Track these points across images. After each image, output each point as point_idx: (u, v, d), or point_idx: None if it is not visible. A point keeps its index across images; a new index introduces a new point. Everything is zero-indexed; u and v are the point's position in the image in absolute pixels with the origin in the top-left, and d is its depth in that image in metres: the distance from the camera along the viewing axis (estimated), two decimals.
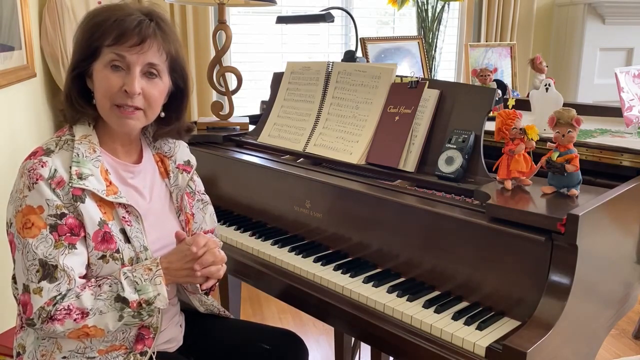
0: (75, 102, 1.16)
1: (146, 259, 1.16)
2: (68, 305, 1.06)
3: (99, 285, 1.10)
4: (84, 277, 1.12)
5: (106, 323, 1.09)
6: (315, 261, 1.43)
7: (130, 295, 1.09)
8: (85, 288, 1.09)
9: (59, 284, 1.07)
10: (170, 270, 1.15)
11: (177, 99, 1.26)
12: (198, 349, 1.37)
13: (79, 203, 1.10)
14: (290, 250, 1.49)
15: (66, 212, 1.09)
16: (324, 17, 2.13)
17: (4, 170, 1.84)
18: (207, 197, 1.41)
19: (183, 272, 1.16)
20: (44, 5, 2.49)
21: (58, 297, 1.07)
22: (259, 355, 1.36)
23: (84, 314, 1.07)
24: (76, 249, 1.10)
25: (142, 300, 1.10)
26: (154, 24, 1.15)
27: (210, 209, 1.41)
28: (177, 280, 1.19)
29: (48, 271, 1.07)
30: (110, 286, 1.10)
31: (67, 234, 1.09)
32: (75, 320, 1.07)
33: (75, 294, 1.08)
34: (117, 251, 1.13)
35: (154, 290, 1.11)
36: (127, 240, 1.15)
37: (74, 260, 1.09)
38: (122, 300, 1.09)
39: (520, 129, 1.24)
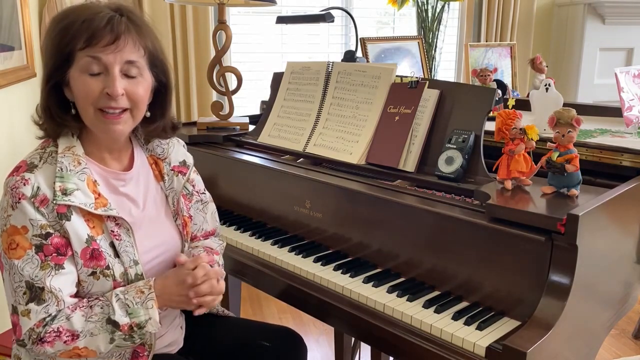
0: (55, 114, 1.10)
1: (136, 273, 1.13)
2: (58, 327, 1.04)
3: (91, 307, 1.07)
4: (75, 294, 1.09)
5: (97, 345, 1.06)
6: (315, 261, 1.43)
7: (121, 318, 1.06)
8: (76, 309, 1.07)
9: (47, 305, 1.04)
10: (164, 294, 1.11)
11: (160, 94, 1.20)
12: (198, 348, 1.36)
13: (64, 221, 1.06)
14: (290, 250, 1.49)
15: (51, 231, 1.06)
16: (324, 17, 2.13)
17: (4, 171, 1.83)
18: (207, 196, 1.39)
19: (178, 298, 1.13)
20: (44, 5, 2.48)
21: (48, 319, 1.04)
22: (258, 352, 1.36)
23: (74, 336, 1.05)
24: (64, 268, 1.07)
25: (133, 323, 1.07)
26: (126, 19, 1.09)
27: (212, 207, 1.39)
28: (170, 305, 1.15)
29: (35, 293, 1.04)
30: (101, 308, 1.07)
31: (54, 254, 1.05)
32: (65, 342, 1.04)
33: (66, 315, 1.05)
34: (107, 267, 1.10)
35: (145, 314, 1.08)
36: (117, 254, 1.12)
37: (62, 281, 1.06)
38: (112, 323, 1.06)
39: (520, 129, 1.24)
